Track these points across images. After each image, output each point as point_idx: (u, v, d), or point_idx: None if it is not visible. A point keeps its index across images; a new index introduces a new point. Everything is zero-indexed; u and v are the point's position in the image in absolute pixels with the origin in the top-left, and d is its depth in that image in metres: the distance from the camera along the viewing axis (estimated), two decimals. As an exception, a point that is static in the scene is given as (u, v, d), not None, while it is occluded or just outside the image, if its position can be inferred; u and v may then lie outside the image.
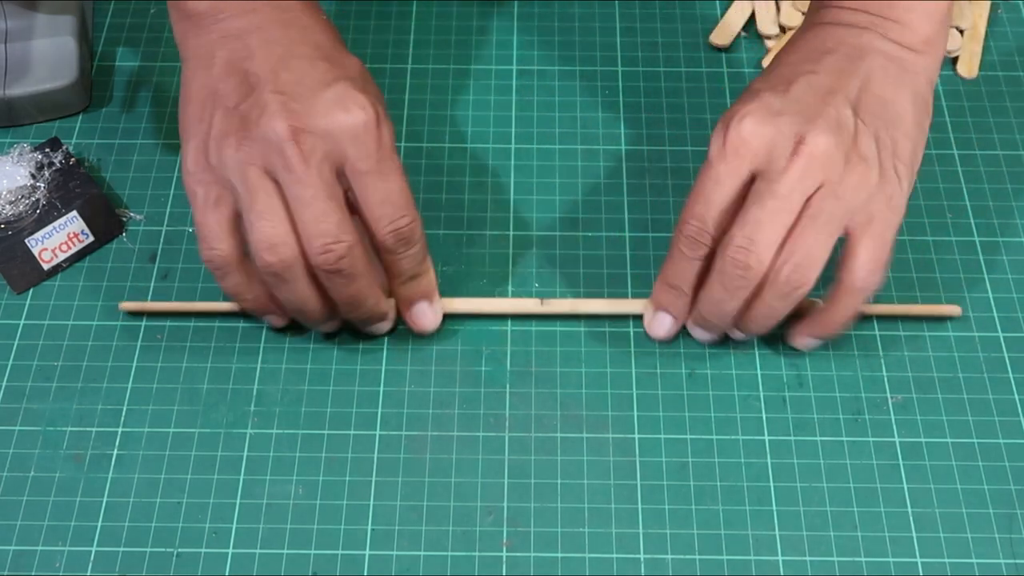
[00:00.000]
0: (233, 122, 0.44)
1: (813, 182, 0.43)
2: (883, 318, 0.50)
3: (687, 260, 0.45)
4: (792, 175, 0.43)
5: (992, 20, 0.62)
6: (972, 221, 0.54)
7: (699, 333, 0.49)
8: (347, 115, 0.43)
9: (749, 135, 0.43)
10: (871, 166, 0.43)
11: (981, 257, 0.52)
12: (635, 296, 0.51)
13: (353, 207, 0.45)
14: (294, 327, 0.49)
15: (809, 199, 0.43)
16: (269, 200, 0.43)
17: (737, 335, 0.48)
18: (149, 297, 0.51)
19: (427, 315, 0.49)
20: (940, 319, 0.50)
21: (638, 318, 0.50)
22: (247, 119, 0.43)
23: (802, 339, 0.48)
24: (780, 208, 0.43)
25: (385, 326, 0.49)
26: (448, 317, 0.50)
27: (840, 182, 0.43)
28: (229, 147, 0.43)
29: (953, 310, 0.50)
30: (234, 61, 0.45)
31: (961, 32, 0.60)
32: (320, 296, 0.45)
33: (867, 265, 0.44)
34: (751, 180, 0.44)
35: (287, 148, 0.42)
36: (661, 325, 0.49)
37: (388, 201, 0.44)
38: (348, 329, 0.49)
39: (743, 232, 0.43)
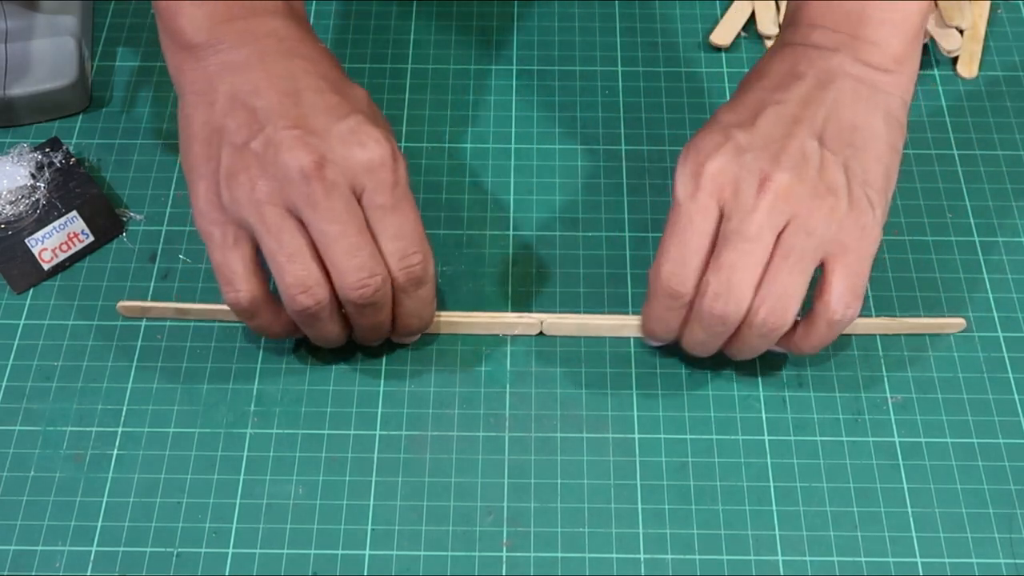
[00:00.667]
0: (245, 160, 0.42)
1: (782, 218, 0.42)
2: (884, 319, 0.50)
3: (668, 310, 0.45)
4: (759, 214, 0.42)
5: (992, 20, 0.62)
6: (972, 221, 0.54)
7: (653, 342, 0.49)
8: (363, 150, 0.42)
9: (717, 173, 0.43)
10: (840, 196, 0.43)
11: (981, 257, 0.52)
12: (635, 297, 0.51)
13: None
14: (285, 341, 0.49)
15: (780, 236, 0.43)
16: (294, 240, 0.42)
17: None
18: (149, 297, 0.51)
19: (415, 338, 0.50)
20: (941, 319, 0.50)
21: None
22: (261, 157, 0.42)
23: (778, 349, 0.47)
24: (751, 249, 0.42)
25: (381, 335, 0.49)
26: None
27: (809, 216, 0.42)
28: (243, 186, 0.42)
29: (956, 323, 0.50)
30: (238, 96, 0.43)
31: (961, 32, 0.60)
32: (346, 326, 0.46)
33: (842, 297, 0.43)
34: (720, 219, 0.43)
35: (312, 183, 0.41)
36: (652, 343, 0.49)
37: (401, 236, 0.43)
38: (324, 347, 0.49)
39: (717, 278, 0.43)
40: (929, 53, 0.60)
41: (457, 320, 0.50)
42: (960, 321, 0.50)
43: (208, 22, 0.44)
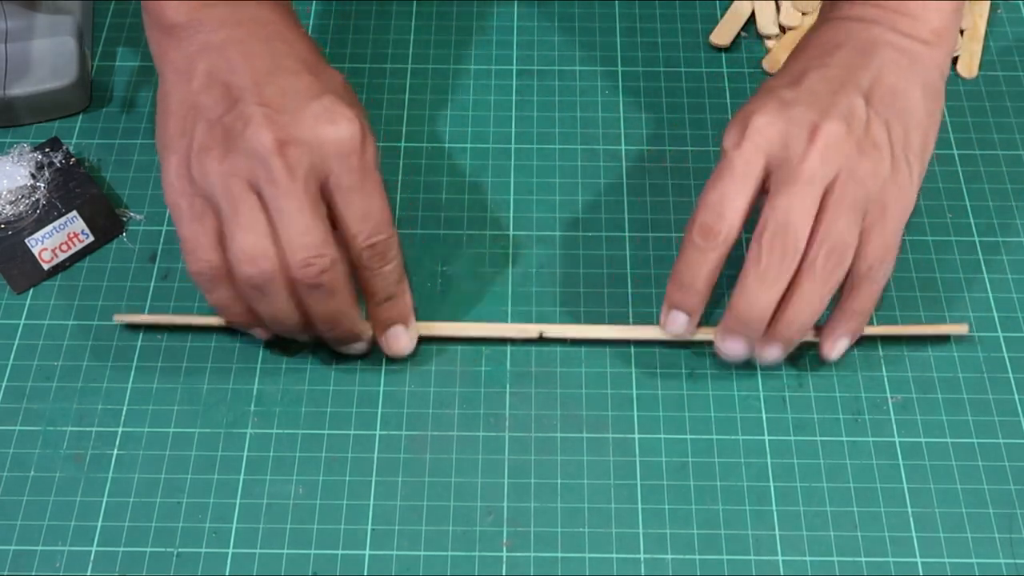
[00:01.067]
0: (216, 135, 0.43)
1: (831, 169, 0.43)
2: (884, 321, 0.50)
3: (700, 252, 0.44)
4: (811, 162, 0.43)
5: (992, 20, 0.62)
6: (972, 221, 0.54)
7: (729, 346, 0.46)
8: (334, 128, 0.43)
9: (764, 126, 0.44)
10: (883, 154, 0.44)
11: (981, 257, 0.52)
12: (635, 298, 0.51)
13: (333, 224, 0.44)
14: (282, 341, 0.49)
15: (831, 185, 0.43)
16: (251, 213, 0.42)
17: (768, 353, 0.46)
18: (149, 297, 0.51)
19: (401, 339, 0.48)
20: (941, 318, 0.50)
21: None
22: (230, 131, 0.43)
23: (832, 343, 0.47)
24: (805, 193, 0.43)
25: (360, 347, 0.48)
26: (449, 315, 0.50)
27: (857, 167, 0.43)
28: (212, 160, 0.43)
29: (959, 329, 0.50)
30: (215, 73, 0.44)
31: (961, 32, 0.60)
32: (299, 311, 0.45)
33: (878, 252, 0.44)
34: (765, 179, 0.44)
35: (272, 160, 0.42)
36: (675, 322, 0.47)
37: (368, 217, 0.44)
38: (324, 348, 0.49)
39: (775, 217, 0.43)
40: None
41: (450, 334, 0.49)
42: (963, 327, 0.50)
43: (189, 5, 0.45)
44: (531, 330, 0.49)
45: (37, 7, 0.57)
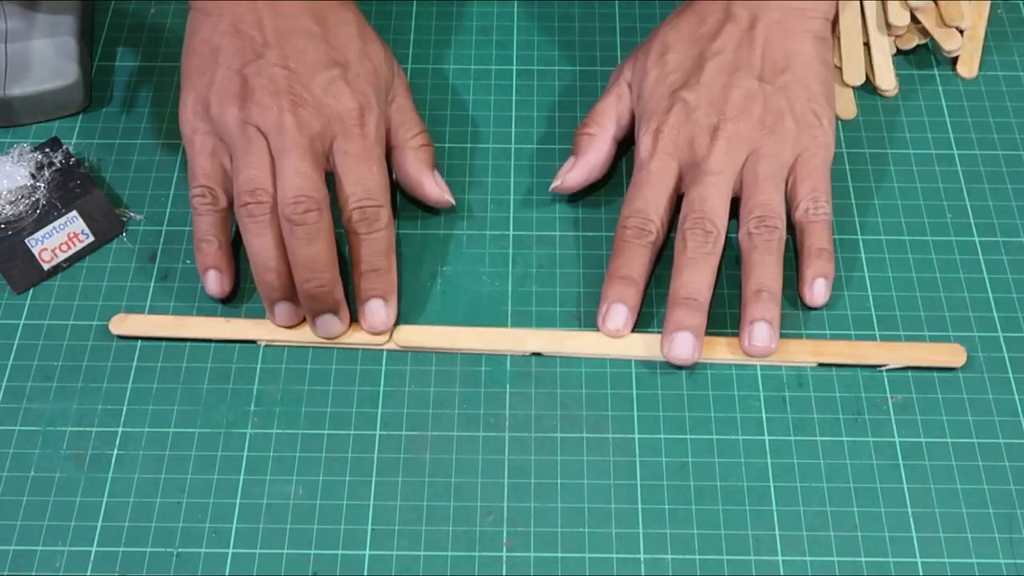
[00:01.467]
0: (235, 83, 0.48)
1: (738, 156, 0.49)
2: (884, 320, 0.50)
3: (634, 248, 0.49)
4: (716, 156, 0.49)
5: (992, 20, 0.62)
6: (972, 221, 0.54)
7: (678, 345, 0.47)
8: (336, 101, 0.49)
9: (672, 136, 0.49)
10: (786, 119, 0.49)
11: (981, 257, 0.52)
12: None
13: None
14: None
15: (743, 169, 0.49)
16: (260, 153, 0.47)
17: (759, 336, 0.47)
18: (149, 297, 0.51)
19: (379, 313, 0.48)
20: (941, 318, 0.50)
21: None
22: (251, 83, 0.48)
23: (810, 289, 0.49)
24: (716, 181, 0.48)
25: (335, 324, 0.48)
26: (449, 314, 0.50)
27: (762, 146, 0.49)
28: (231, 106, 0.48)
29: (957, 355, 0.49)
30: (240, 24, 0.49)
31: (961, 32, 0.60)
32: (282, 251, 0.47)
33: (809, 193, 0.49)
34: (680, 179, 0.50)
35: (285, 116, 0.47)
36: (616, 316, 0.49)
37: (361, 182, 0.48)
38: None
39: (691, 208, 0.48)
40: (929, 53, 0.61)
41: (440, 346, 0.49)
42: (960, 352, 0.49)
43: None
44: (528, 344, 0.49)
45: (37, 7, 0.57)
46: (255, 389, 0.48)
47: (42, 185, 0.51)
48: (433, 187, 0.52)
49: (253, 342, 0.49)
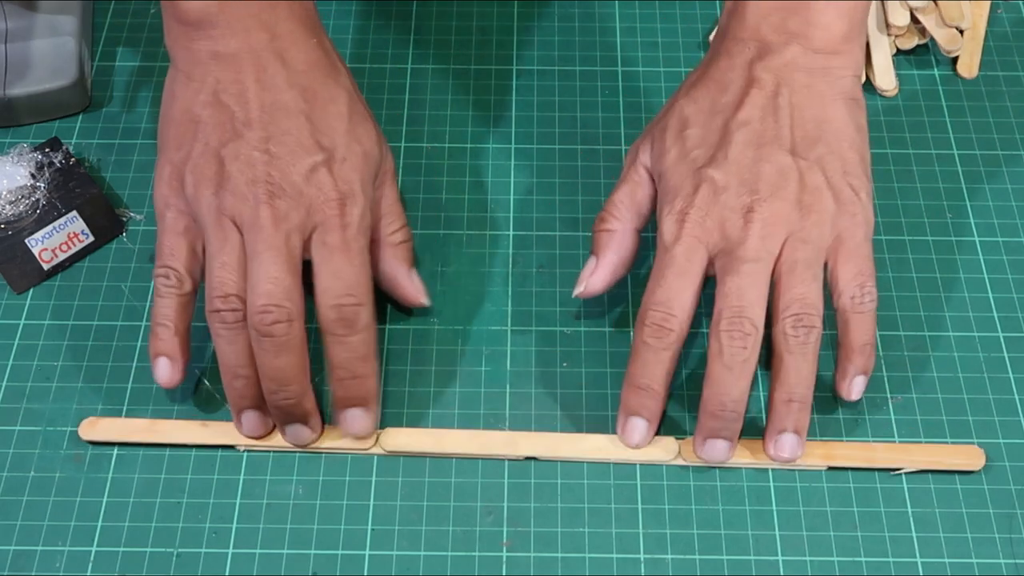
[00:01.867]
0: (212, 165, 0.44)
1: (775, 242, 0.44)
2: (883, 322, 0.50)
3: (653, 352, 0.44)
4: (751, 243, 0.43)
5: (992, 20, 0.62)
6: (972, 221, 0.54)
7: (710, 450, 0.45)
8: (317, 191, 0.44)
9: (700, 219, 0.44)
10: (825, 197, 0.44)
11: (981, 257, 0.52)
12: (635, 298, 0.51)
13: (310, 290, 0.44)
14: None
15: (779, 257, 0.44)
16: (233, 252, 0.44)
17: (786, 448, 0.45)
18: (149, 298, 0.51)
19: (358, 421, 0.45)
20: (942, 318, 0.50)
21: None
22: (228, 167, 0.44)
23: (848, 385, 0.46)
24: (753, 270, 0.43)
25: (305, 433, 0.46)
26: (449, 314, 0.50)
27: (801, 229, 0.44)
28: (206, 190, 0.44)
29: (975, 458, 0.46)
30: (220, 94, 0.45)
31: (961, 32, 0.60)
32: (252, 364, 0.44)
33: (854, 280, 0.44)
34: (708, 266, 0.44)
35: (261, 209, 0.43)
36: (635, 431, 0.46)
37: (340, 277, 0.44)
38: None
39: (728, 303, 0.43)
40: (929, 53, 0.61)
41: (424, 451, 0.46)
42: (979, 455, 0.46)
43: (205, 4, 0.45)
44: (519, 448, 0.46)
45: (37, 7, 0.57)
46: (255, 389, 0.48)
47: (42, 185, 0.51)
48: (409, 288, 0.49)
49: (232, 447, 0.47)
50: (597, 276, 0.48)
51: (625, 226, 0.48)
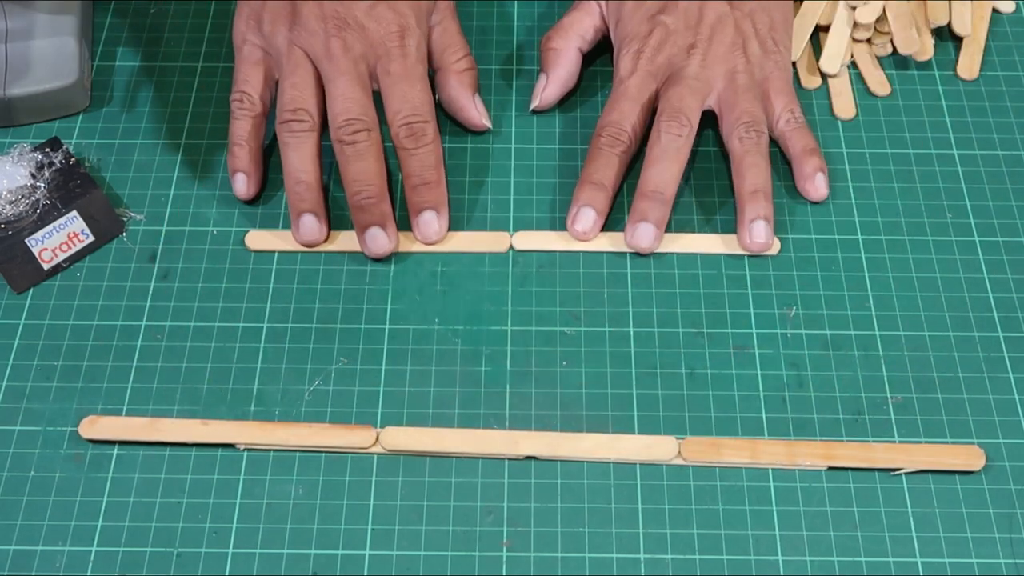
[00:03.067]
0: (287, 6, 0.52)
1: (714, 72, 0.53)
2: (883, 321, 0.50)
3: (607, 156, 0.52)
4: (694, 65, 0.52)
5: (992, 20, 0.62)
6: (972, 221, 0.54)
7: (641, 233, 0.51)
8: (377, 25, 0.52)
9: (652, 56, 0.53)
10: (752, 42, 0.53)
11: (981, 258, 0.52)
12: (635, 297, 0.51)
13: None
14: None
15: (723, 82, 0.53)
16: (305, 76, 0.51)
17: (757, 239, 0.51)
18: (149, 298, 0.51)
19: (432, 225, 0.52)
20: (942, 318, 0.50)
21: (641, 342, 0.50)
22: (299, 9, 0.52)
23: (814, 182, 0.53)
24: (693, 85, 0.52)
25: (382, 239, 0.51)
26: (449, 314, 0.50)
27: (735, 65, 0.53)
28: (282, 26, 0.52)
29: (975, 458, 0.46)
30: None
31: (960, 40, 0.60)
32: (316, 171, 0.51)
33: (784, 108, 0.53)
34: (655, 99, 0.53)
35: (332, 41, 0.51)
36: (585, 219, 0.52)
37: (406, 99, 0.51)
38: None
39: (669, 104, 0.52)
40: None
41: (425, 450, 0.46)
42: (980, 455, 0.46)
43: None
44: (519, 448, 0.46)
45: (37, 7, 0.57)
46: (255, 389, 0.48)
47: (42, 185, 0.51)
48: (472, 111, 0.55)
49: (232, 447, 0.47)
50: (549, 91, 0.56)
51: (570, 45, 0.56)
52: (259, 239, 0.52)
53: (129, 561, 0.44)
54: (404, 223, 0.53)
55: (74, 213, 0.51)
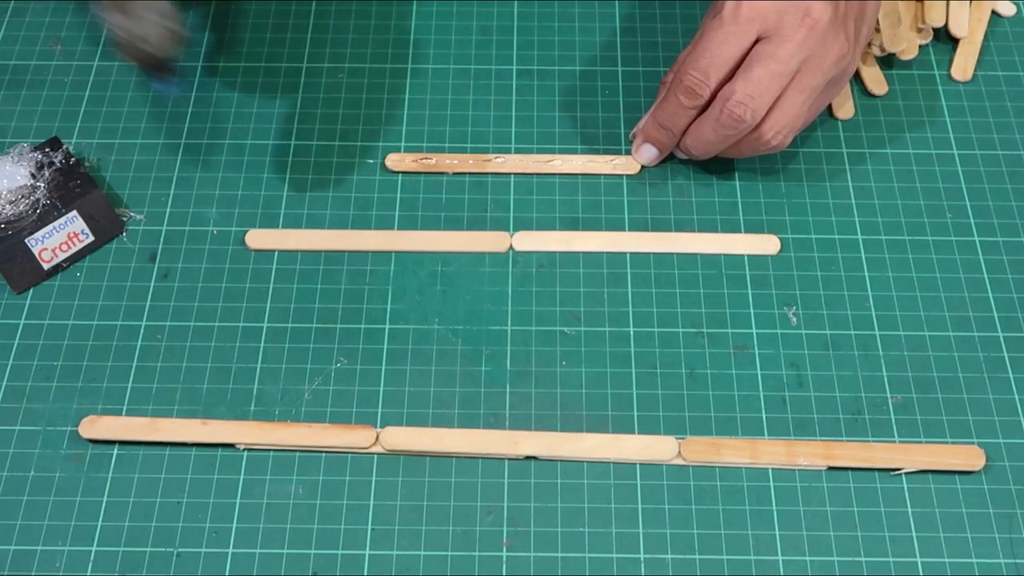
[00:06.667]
0: None
1: (808, 52, 0.49)
2: (883, 321, 0.50)
3: (682, 108, 0.51)
4: (795, 43, 0.48)
5: (991, 21, 0.62)
6: (972, 221, 0.54)
7: (645, 151, 0.54)
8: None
9: (763, 3, 0.49)
10: (851, 45, 0.50)
11: (981, 257, 0.52)
12: (635, 297, 0.51)
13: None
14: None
15: (799, 71, 0.49)
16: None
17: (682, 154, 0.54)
18: (149, 297, 0.51)
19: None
20: (942, 318, 0.50)
21: (642, 338, 0.50)
22: None
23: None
24: (780, 72, 0.49)
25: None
26: (449, 314, 0.50)
27: (826, 56, 0.49)
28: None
29: (975, 458, 0.46)
30: None
31: (957, 41, 0.60)
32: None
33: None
34: (754, 43, 0.49)
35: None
36: (647, 154, 0.54)
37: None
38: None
39: (745, 89, 0.49)
40: (929, 53, 0.60)
41: (425, 450, 0.46)
42: (980, 459, 0.46)
43: None
44: (519, 448, 0.46)
45: None
46: (255, 389, 0.48)
47: (42, 185, 0.51)
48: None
49: (232, 447, 0.47)
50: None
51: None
52: (259, 238, 0.52)
53: (129, 561, 0.44)
54: (405, 222, 0.53)
55: (74, 213, 0.51)
